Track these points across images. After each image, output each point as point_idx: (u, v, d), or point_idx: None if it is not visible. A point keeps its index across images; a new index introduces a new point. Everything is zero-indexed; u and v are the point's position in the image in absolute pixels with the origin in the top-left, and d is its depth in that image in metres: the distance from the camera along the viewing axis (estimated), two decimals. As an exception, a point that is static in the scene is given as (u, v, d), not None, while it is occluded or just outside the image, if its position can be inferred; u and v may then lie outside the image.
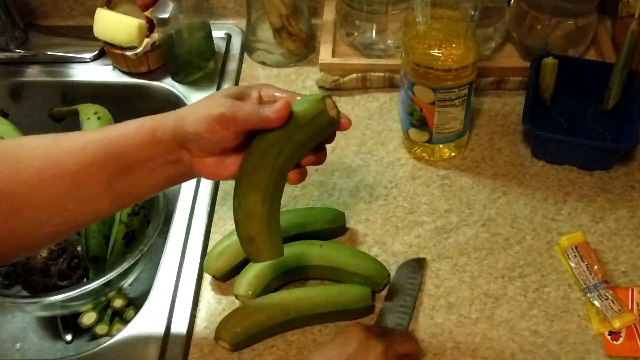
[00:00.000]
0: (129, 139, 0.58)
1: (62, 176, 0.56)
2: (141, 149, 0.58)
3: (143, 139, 0.58)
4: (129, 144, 0.58)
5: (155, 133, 0.58)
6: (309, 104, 0.57)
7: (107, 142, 0.58)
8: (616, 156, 0.84)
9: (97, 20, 0.96)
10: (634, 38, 0.83)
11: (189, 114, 0.58)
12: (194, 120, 0.57)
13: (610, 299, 0.71)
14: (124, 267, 0.79)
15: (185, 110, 0.59)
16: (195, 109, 0.58)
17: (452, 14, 0.75)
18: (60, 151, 0.57)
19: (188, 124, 0.57)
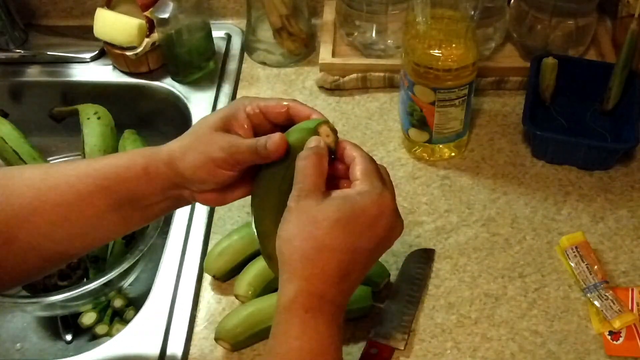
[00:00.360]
0: (121, 176, 0.57)
1: (51, 210, 0.55)
2: (134, 186, 0.57)
3: (137, 177, 0.57)
4: (123, 180, 0.57)
5: (149, 172, 0.57)
6: (303, 133, 0.56)
7: (100, 178, 0.56)
8: (616, 156, 0.84)
9: (97, 20, 0.96)
10: (633, 38, 0.83)
11: (183, 156, 0.56)
12: (192, 166, 0.56)
13: (610, 299, 0.71)
14: (124, 267, 0.79)
15: (179, 151, 0.57)
16: (189, 152, 0.56)
17: (452, 14, 0.75)
18: (52, 182, 0.56)
19: (186, 168, 0.56)
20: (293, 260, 0.50)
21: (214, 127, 0.56)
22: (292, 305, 0.50)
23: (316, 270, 0.50)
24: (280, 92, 0.97)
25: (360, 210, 0.51)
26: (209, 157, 0.55)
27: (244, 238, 0.76)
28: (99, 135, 0.90)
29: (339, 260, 0.50)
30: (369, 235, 0.51)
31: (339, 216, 0.50)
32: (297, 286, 0.50)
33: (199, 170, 0.56)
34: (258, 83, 0.99)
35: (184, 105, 0.95)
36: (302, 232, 0.50)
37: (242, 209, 0.83)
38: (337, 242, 0.50)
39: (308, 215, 0.51)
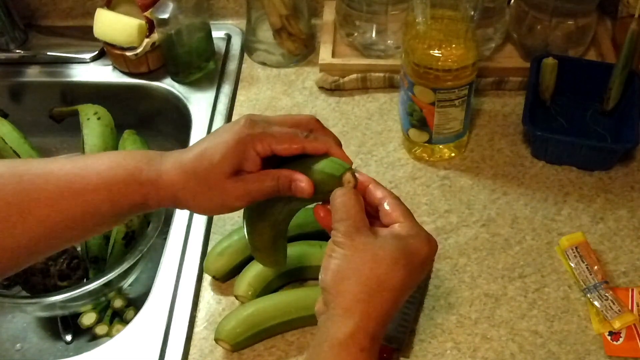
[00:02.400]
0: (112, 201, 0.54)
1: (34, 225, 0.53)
2: (126, 211, 0.56)
3: (131, 204, 0.55)
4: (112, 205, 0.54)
5: (147, 201, 0.55)
6: (326, 179, 0.54)
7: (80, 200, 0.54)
8: (616, 156, 0.84)
9: (97, 20, 0.96)
10: (633, 38, 0.83)
11: (194, 199, 0.55)
12: (203, 208, 0.56)
13: (610, 300, 0.71)
14: (123, 268, 0.79)
15: (187, 194, 0.55)
16: (200, 197, 0.55)
17: (452, 14, 0.75)
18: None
19: (197, 208, 0.56)
20: (351, 297, 0.49)
21: (226, 174, 0.54)
22: (349, 342, 0.48)
23: (375, 309, 0.49)
24: (280, 93, 0.97)
25: (415, 250, 0.51)
26: (223, 205, 0.55)
27: (243, 238, 0.75)
28: (99, 135, 0.90)
29: (394, 300, 0.50)
30: (418, 276, 0.52)
31: (398, 255, 0.50)
32: (355, 324, 0.49)
33: (210, 212, 0.56)
34: (258, 83, 0.99)
35: (184, 105, 0.95)
36: (363, 269, 0.50)
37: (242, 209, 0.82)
38: (396, 281, 0.50)
39: (367, 252, 0.50)
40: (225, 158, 0.53)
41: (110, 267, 0.82)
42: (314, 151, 0.56)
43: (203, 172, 0.54)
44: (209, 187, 0.54)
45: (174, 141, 1.01)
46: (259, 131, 0.54)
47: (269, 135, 0.54)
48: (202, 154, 0.54)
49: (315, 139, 0.56)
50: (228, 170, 0.54)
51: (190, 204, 0.56)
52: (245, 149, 0.54)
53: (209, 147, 0.54)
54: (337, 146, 0.57)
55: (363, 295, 0.49)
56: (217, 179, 0.54)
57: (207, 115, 0.93)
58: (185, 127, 0.93)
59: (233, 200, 0.54)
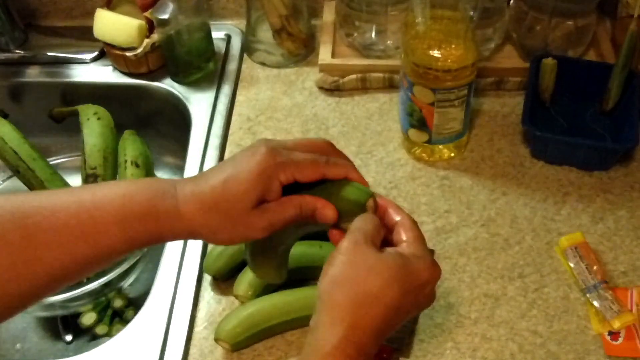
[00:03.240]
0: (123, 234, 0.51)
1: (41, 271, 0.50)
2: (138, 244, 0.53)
3: (145, 237, 0.53)
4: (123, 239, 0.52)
5: (163, 234, 0.53)
6: (351, 206, 0.55)
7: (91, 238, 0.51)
8: (616, 156, 0.84)
9: (97, 20, 0.96)
10: (633, 38, 0.83)
11: (215, 235, 0.53)
12: (224, 240, 0.54)
13: (610, 299, 0.71)
14: (124, 268, 0.79)
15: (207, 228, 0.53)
16: (222, 231, 0.53)
17: (451, 14, 0.76)
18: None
19: (216, 241, 0.54)
20: (341, 306, 0.49)
21: (250, 207, 0.52)
22: (335, 352, 0.48)
23: (364, 321, 0.49)
24: (280, 93, 0.97)
25: (415, 272, 0.51)
26: (246, 237, 0.54)
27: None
28: (99, 135, 0.90)
29: (385, 315, 0.50)
30: (414, 298, 0.51)
31: (396, 273, 0.50)
32: (342, 334, 0.48)
33: (231, 243, 0.55)
34: (258, 84, 0.99)
35: (184, 105, 0.96)
36: (357, 278, 0.50)
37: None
38: (389, 297, 0.50)
39: (365, 262, 0.50)
40: (249, 191, 0.52)
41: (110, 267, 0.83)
42: (334, 177, 0.55)
43: (225, 205, 0.51)
44: (232, 222, 0.52)
45: (174, 141, 1.01)
46: (281, 160, 0.53)
47: (292, 164, 0.53)
48: (223, 186, 0.52)
49: (335, 165, 0.55)
50: (252, 204, 0.52)
51: (211, 238, 0.54)
52: (268, 179, 0.52)
53: (230, 179, 0.52)
54: (354, 170, 0.56)
55: (353, 306, 0.49)
56: (240, 213, 0.52)
57: (207, 115, 0.93)
58: (185, 127, 0.93)
59: (256, 232, 0.53)
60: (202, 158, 0.88)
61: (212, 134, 0.91)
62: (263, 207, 0.53)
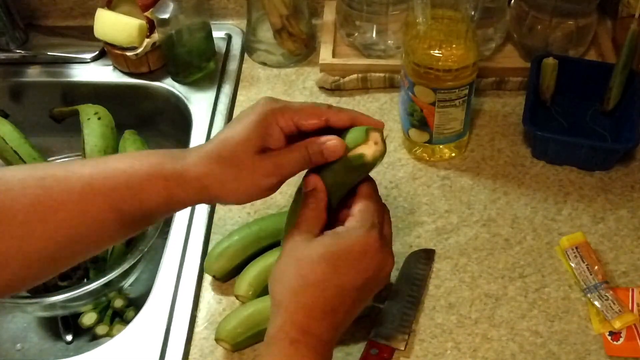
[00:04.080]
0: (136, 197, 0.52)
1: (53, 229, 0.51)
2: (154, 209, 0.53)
3: (158, 200, 0.53)
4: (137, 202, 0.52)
5: (172, 196, 0.53)
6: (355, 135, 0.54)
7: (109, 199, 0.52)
8: (616, 156, 0.84)
9: (97, 20, 0.96)
10: (634, 38, 0.83)
11: (222, 186, 0.53)
12: (234, 194, 0.53)
13: (611, 300, 0.71)
14: (124, 268, 0.79)
15: (215, 180, 0.53)
16: (230, 182, 0.53)
17: (452, 14, 0.75)
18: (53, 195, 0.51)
19: (225, 196, 0.54)
20: (280, 296, 0.52)
21: (252, 151, 0.53)
22: (277, 336, 0.50)
23: (300, 305, 0.51)
24: (280, 93, 0.97)
25: (345, 246, 0.52)
26: (254, 184, 0.53)
27: (244, 238, 0.76)
28: (99, 135, 0.90)
29: (323, 296, 0.51)
30: (354, 273, 0.52)
31: (323, 253, 0.52)
32: (282, 319, 0.51)
33: (242, 196, 0.54)
34: (258, 83, 0.99)
35: (184, 105, 0.96)
36: (289, 270, 0.52)
37: (242, 210, 0.83)
38: (322, 278, 0.51)
39: (295, 255, 0.52)
40: (249, 135, 0.52)
41: (110, 267, 0.83)
42: (340, 122, 0.55)
43: (228, 154, 0.52)
44: (237, 168, 0.52)
45: (174, 141, 1.01)
46: (278, 106, 0.54)
47: (291, 109, 0.54)
48: (225, 138, 0.53)
49: (339, 110, 0.56)
50: (253, 148, 0.52)
51: (220, 191, 0.54)
52: (267, 124, 0.53)
53: (231, 130, 0.54)
54: (361, 115, 0.56)
55: (287, 293, 0.52)
56: (244, 158, 0.52)
57: (208, 115, 0.93)
58: (186, 127, 0.93)
59: (262, 177, 0.53)
60: (203, 158, 0.88)
61: (213, 134, 0.91)
62: (268, 153, 0.53)
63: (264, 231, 0.76)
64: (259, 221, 0.78)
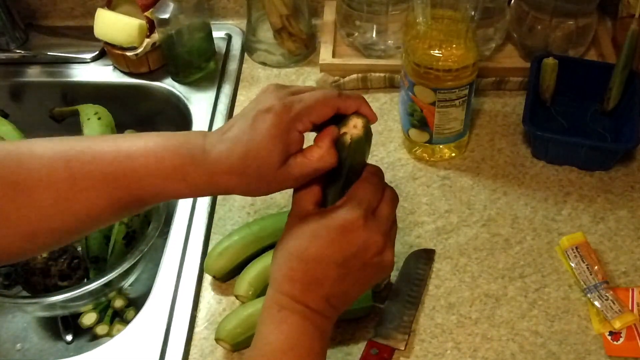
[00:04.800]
0: (152, 179, 0.54)
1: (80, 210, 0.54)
2: (168, 193, 0.55)
3: (173, 185, 0.54)
4: (152, 184, 0.54)
5: (188, 182, 0.54)
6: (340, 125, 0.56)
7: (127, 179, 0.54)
8: (616, 156, 0.84)
9: (97, 20, 0.96)
10: (634, 38, 0.83)
11: (247, 190, 0.55)
12: (265, 193, 0.55)
13: (611, 300, 0.71)
14: (124, 268, 0.79)
15: (240, 186, 0.54)
16: (252, 189, 0.55)
17: (452, 14, 0.75)
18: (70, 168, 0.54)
19: (244, 193, 0.55)
20: (273, 270, 0.56)
21: (276, 167, 0.53)
22: (268, 304, 0.55)
23: (284, 275, 0.54)
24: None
25: (326, 223, 0.55)
26: (280, 189, 0.56)
27: (244, 238, 0.76)
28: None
29: (304, 268, 0.54)
30: (333, 248, 0.54)
31: (305, 228, 0.55)
32: (272, 290, 0.55)
33: (266, 194, 0.56)
34: (258, 83, 0.99)
35: (184, 105, 0.96)
36: (280, 246, 0.56)
37: (242, 210, 0.83)
38: (302, 250, 0.54)
39: (289, 232, 0.56)
40: (272, 153, 0.53)
41: (110, 267, 0.82)
42: (348, 109, 0.56)
43: (253, 170, 0.53)
44: (265, 182, 0.54)
45: (174, 141, 1.01)
46: (295, 113, 0.54)
47: (305, 112, 0.54)
48: (246, 154, 0.53)
49: (347, 97, 0.56)
50: (278, 163, 0.53)
51: (249, 194, 0.56)
52: (287, 135, 0.54)
53: (251, 145, 0.53)
54: (366, 104, 0.57)
55: (279, 268, 0.55)
56: (270, 173, 0.54)
57: (208, 115, 0.93)
58: (186, 127, 0.93)
59: (291, 183, 0.56)
60: (203, 158, 0.88)
61: (213, 134, 0.91)
62: (289, 162, 0.54)
63: (264, 231, 0.76)
64: (259, 221, 0.78)
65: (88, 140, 0.57)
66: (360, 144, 0.56)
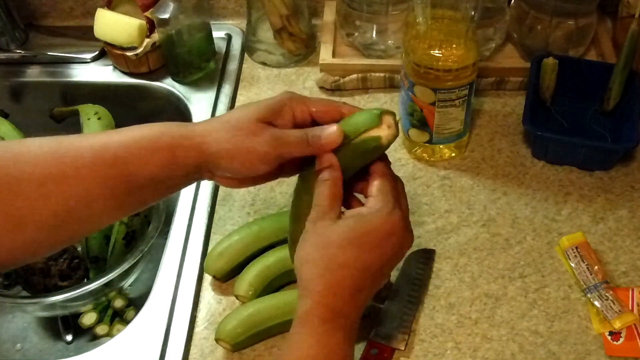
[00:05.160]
0: (144, 159, 0.55)
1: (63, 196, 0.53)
2: (158, 170, 0.55)
3: (161, 161, 0.55)
4: (144, 164, 0.55)
5: (176, 157, 0.55)
6: (363, 118, 0.56)
7: (120, 163, 0.54)
8: (616, 156, 0.84)
9: (97, 20, 0.96)
10: (634, 38, 0.83)
11: (219, 145, 0.55)
12: (229, 157, 0.55)
13: (611, 299, 0.71)
14: (124, 268, 0.79)
15: (214, 140, 0.55)
16: (228, 143, 0.54)
17: (452, 14, 0.75)
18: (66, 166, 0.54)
19: (221, 158, 0.55)
20: (309, 279, 0.53)
21: (257, 118, 0.55)
22: (308, 317, 0.52)
23: (329, 287, 0.52)
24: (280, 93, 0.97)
25: (371, 228, 0.53)
26: (250, 150, 0.54)
27: (244, 238, 0.76)
28: (100, 135, 0.90)
29: (351, 277, 0.52)
30: (379, 253, 0.53)
31: (351, 235, 0.53)
32: (312, 301, 0.52)
33: (236, 162, 0.55)
34: (258, 83, 0.99)
35: (184, 105, 0.96)
36: (317, 252, 0.53)
37: (242, 210, 0.83)
38: (350, 260, 0.52)
39: (323, 237, 0.53)
40: (259, 107, 0.55)
41: (110, 267, 0.83)
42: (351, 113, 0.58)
43: (234, 117, 0.55)
44: (239, 128, 0.55)
45: (174, 141, 1.01)
46: (298, 95, 0.57)
47: (310, 100, 0.57)
48: (237, 108, 0.57)
49: (352, 108, 0.58)
50: (258, 117, 0.55)
51: (213, 151, 0.55)
52: (282, 105, 0.56)
53: (246, 105, 0.57)
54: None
55: (318, 277, 0.52)
56: (245, 122, 0.54)
57: (208, 115, 0.93)
58: (186, 127, 0.93)
59: (261, 143, 0.54)
60: (203, 158, 0.88)
61: (213, 134, 0.91)
62: (271, 124, 0.55)
63: (264, 231, 0.76)
64: (259, 221, 0.78)
65: (81, 135, 0.59)
66: (393, 141, 0.56)
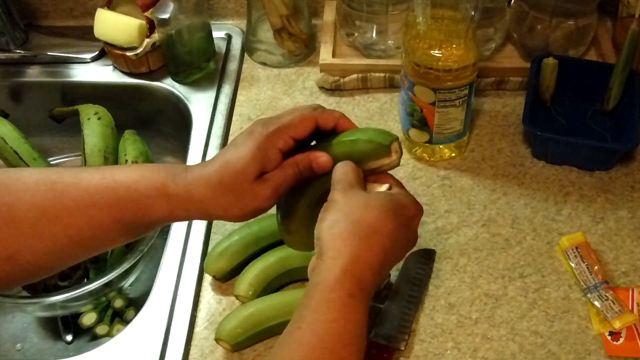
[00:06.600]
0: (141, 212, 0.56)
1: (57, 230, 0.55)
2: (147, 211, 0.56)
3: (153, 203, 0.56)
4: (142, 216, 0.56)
5: (167, 194, 0.56)
6: (377, 147, 0.58)
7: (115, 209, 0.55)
8: (616, 156, 0.84)
9: (97, 20, 0.96)
10: (634, 38, 0.83)
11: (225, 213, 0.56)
12: (234, 216, 0.57)
13: (611, 300, 0.71)
14: (124, 268, 0.79)
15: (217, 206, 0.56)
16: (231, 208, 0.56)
17: (452, 14, 0.75)
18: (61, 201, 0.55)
19: (226, 217, 0.57)
20: (342, 237, 0.51)
21: (252, 178, 0.55)
22: (337, 287, 0.50)
23: (363, 251, 0.51)
24: (280, 93, 0.97)
25: (405, 204, 0.55)
26: (255, 208, 0.56)
27: (244, 238, 0.76)
28: (99, 135, 0.90)
29: (384, 245, 0.52)
30: (406, 230, 0.55)
31: (389, 206, 0.53)
32: (344, 265, 0.50)
33: (241, 218, 0.57)
34: (258, 83, 0.99)
35: (184, 105, 0.96)
36: (351, 215, 0.52)
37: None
38: (386, 228, 0.52)
39: (359, 202, 0.53)
40: (248, 164, 0.55)
41: (110, 267, 0.83)
42: (325, 123, 0.58)
43: (229, 181, 0.55)
44: (239, 196, 0.55)
45: (174, 141, 1.01)
46: (273, 129, 0.56)
47: (284, 127, 0.56)
48: (225, 164, 0.56)
49: (323, 111, 0.58)
50: (253, 176, 0.55)
51: (222, 215, 0.57)
52: (266, 149, 0.56)
53: (231, 158, 0.56)
54: (344, 118, 0.59)
55: (352, 237, 0.51)
56: (244, 186, 0.55)
57: (208, 115, 0.93)
58: (186, 127, 0.93)
59: (264, 201, 0.56)
60: (203, 158, 0.88)
61: (213, 134, 0.91)
62: (265, 176, 0.56)
63: (264, 231, 0.76)
64: (259, 221, 0.78)
65: (76, 168, 0.60)
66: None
